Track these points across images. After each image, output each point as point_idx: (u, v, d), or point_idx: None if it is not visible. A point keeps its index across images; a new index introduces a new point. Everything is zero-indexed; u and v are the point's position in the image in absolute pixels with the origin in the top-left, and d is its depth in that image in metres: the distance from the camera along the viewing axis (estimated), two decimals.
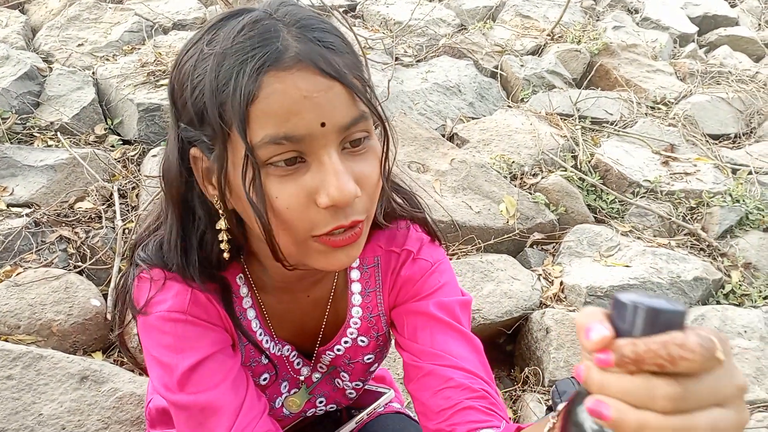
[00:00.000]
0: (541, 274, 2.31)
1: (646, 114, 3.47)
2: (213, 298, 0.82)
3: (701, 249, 2.57)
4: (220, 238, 0.76)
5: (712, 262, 2.47)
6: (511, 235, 2.40)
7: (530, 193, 2.62)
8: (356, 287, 0.92)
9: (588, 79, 3.70)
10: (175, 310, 0.79)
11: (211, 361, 0.80)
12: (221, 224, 0.75)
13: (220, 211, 0.74)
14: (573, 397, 0.45)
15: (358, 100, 0.67)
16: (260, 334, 0.90)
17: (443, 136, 3.01)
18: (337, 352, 0.95)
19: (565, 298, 2.23)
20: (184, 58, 0.71)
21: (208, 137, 0.69)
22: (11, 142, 2.34)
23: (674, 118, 3.41)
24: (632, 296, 0.42)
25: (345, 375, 0.99)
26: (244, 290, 0.87)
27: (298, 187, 0.67)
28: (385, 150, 0.74)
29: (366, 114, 0.69)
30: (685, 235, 2.63)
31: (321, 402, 1.02)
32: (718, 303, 2.33)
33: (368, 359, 0.97)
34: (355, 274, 0.91)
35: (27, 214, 1.99)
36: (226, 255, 0.77)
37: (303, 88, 0.64)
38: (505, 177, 2.67)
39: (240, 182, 0.67)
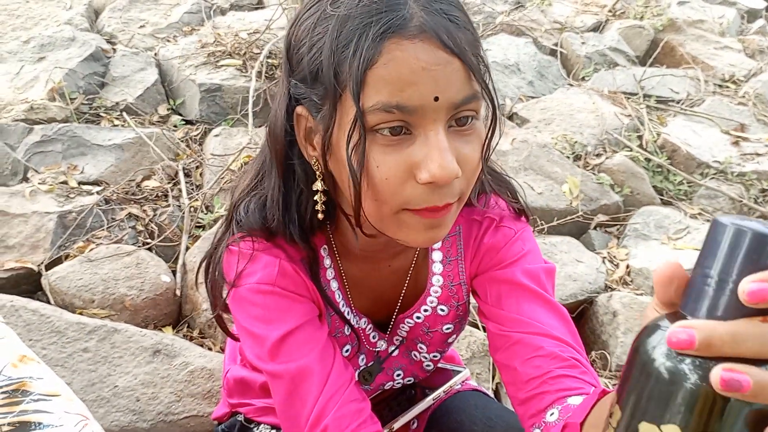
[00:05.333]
0: (605, 257, 2.25)
1: (714, 92, 3.33)
2: (300, 270, 0.83)
3: None
4: (316, 199, 0.77)
5: None
6: (574, 216, 2.34)
7: (594, 174, 2.55)
8: (437, 256, 0.91)
9: (652, 56, 3.57)
10: (264, 282, 0.81)
11: (299, 332, 0.81)
12: (318, 185, 0.75)
13: (318, 172, 0.74)
14: (641, 332, 0.40)
15: (473, 79, 0.67)
16: (342, 305, 0.90)
17: (503, 115, 2.95)
18: (417, 320, 0.94)
19: (631, 281, 2.17)
20: (304, 15, 0.71)
21: (319, 96, 0.69)
22: (78, 122, 2.39)
23: (744, 96, 3.27)
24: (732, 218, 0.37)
25: (423, 346, 0.98)
26: (327, 261, 0.88)
27: (400, 158, 0.67)
28: (489, 133, 0.73)
29: (478, 94, 0.68)
30: (757, 217, 2.52)
31: (398, 375, 1.02)
32: None
33: (447, 329, 0.96)
34: (436, 243, 0.91)
35: (97, 192, 2.03)
36: (320, 215, 0.78)
37: (423, 59, 0.64)
38: (568, 157, 2.61)
39: (343, 144, 0.67)
